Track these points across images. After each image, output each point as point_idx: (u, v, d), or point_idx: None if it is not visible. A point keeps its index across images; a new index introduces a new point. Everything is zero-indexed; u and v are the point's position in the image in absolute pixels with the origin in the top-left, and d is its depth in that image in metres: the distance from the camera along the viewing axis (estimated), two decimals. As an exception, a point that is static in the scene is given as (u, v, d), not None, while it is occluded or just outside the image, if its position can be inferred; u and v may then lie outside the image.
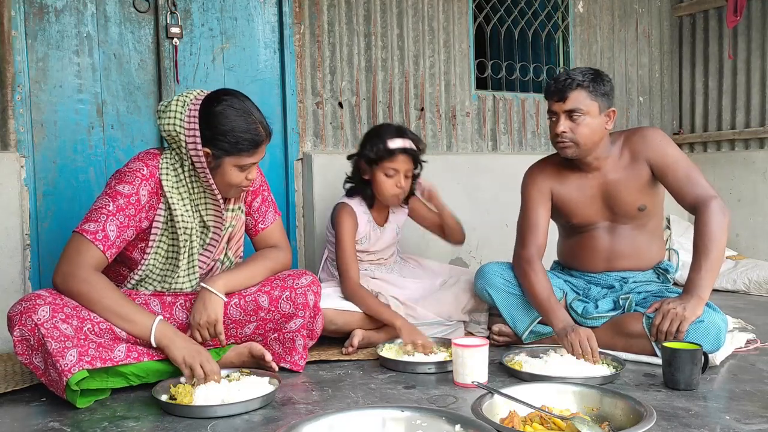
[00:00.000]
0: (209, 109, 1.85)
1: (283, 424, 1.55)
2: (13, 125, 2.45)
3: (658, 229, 2.33)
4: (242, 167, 1.88)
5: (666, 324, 1.95)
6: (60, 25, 2.55)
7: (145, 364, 1.82)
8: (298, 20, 3.00)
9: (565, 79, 2.10)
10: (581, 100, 2.09)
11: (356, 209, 2.50)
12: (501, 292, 2.28)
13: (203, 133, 1.84)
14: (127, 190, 1.82)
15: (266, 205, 2.14)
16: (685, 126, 4.31)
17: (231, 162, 1.86)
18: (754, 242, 3.84)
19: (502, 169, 3.45)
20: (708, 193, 2.08)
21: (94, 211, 1.80)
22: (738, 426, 1.48)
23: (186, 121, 1.84)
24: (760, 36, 3.86)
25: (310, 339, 2.07)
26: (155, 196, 1.87)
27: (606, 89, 2.13)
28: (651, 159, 2.17)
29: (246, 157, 1.87)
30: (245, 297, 2.00)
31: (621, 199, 2.21)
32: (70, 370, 1.64)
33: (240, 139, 1.84)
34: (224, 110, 1.84)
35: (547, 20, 3.80)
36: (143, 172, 1.85)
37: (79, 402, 1.69)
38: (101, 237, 1.77)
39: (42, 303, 1.69)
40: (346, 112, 3.15)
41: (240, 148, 1.85)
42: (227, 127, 1.83)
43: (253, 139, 1.86)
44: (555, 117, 2.16)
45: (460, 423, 1.37)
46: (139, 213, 1.84)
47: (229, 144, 1.84)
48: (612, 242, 2.28)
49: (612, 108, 2.16)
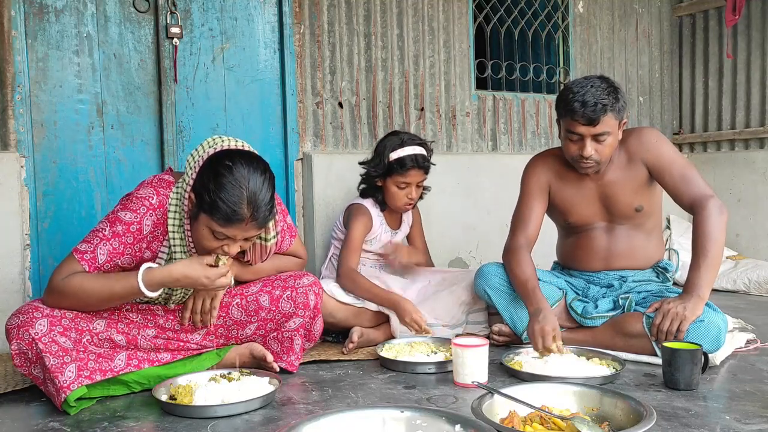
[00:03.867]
0: (217, 159, 1.71)
1: (283, 424, 1.55)
2: (13, 125, 2.45)
3: (656, 229, 2.33)
4: (215, 233, 1.70)
5: (666, 324, 1.95)
6: (60, 25, 2.55)
7: (146, 370, 1.83)
8: (298, 20, 3.00)
9: (596, 104, 2.04)
10: (609, 123, 2.08)
11: (372, 211, 2.56)
12: (499, 292, 2.28)
13: (197, 179, 1.72)
14: (129, 218, 1.74)
15: (282, 235, 2.04)
16: (685, 126, 4.31)
17: (204, 220, 1.69)
18: (754, 242, 3.84)
19: (502, 169, 3.45)
20: (705, 192, 2.08)
21: (91, 233, 1.76)
22: (738, 426, 1.48)
23: (196, 160, 1.76)
24: (760, 35, 3.86)
25: (307, 340, 2.07)
26: (161, 227, 1.78)
27: (624, 104, 2.12)
28: (647, 159, 2.17)
29: (217, 225, 1.68)
30: (246, 297, 2.00)
31: (618, 200, 2.22)
32: (69, 387, 1.63)
33: (218, 203, 1.65)
34: (225, 169, 1.68)
35: (547, 20, 3.80)
36: (152, 201, 1.77)
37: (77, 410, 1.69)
38: (89, 258, 1.72)
39: (39, 316, 1.66)
40: (346, 112, 3.15)
41: (213, 212, 1.66)
42: (215, 185, 1.66)
43: (229, 211, 1.65)
44: (578, 137, 2.10)
45: (460, 423, 1.37)
46: (138, 242, 1.76)
47: (207, 202, 1.67)
48: (609, 242, 2.28)
49: (625, 120, 2.16)
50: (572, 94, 2.07)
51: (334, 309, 2.29)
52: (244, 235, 1.72)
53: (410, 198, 2.52)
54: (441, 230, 3.26)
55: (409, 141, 2.50)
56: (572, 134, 2.11)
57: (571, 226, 2.33)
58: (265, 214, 1.70)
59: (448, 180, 3.34)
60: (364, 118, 3.18)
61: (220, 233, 1.69)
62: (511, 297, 2.25)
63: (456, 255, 3.37)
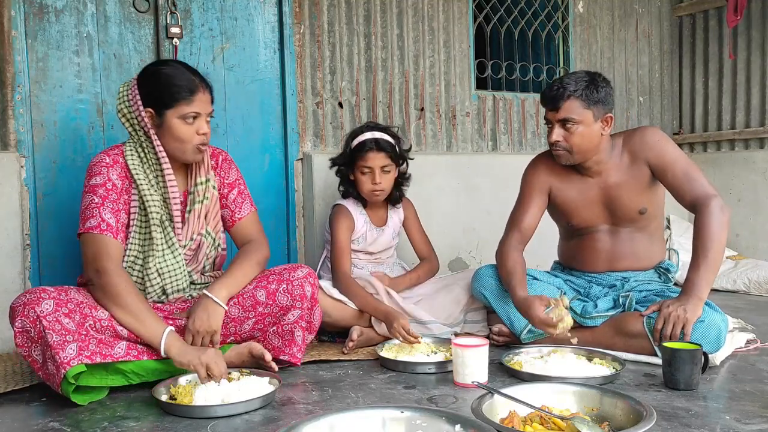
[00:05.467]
0: (145, 74, 1.97)
1: (283, 424, 1.55)
2: (13, 125, 2.45)
3: (658, 231, 2.32)
4: (185, 118, 1.92)
5: (669, 328, 1.95)
6: (60, 25, 2.55)
7: (145, 362, 1.83)
8: (298, 20, 3.00)
9: (558, 88, 2.08)
10: (574, 109, 2.08)
11: (352, 209, 2.56)
12: (496, 293, 2.28)
13: (143, 97, 1.93)
14: (100, 180, 1.91)
15: (242, 197, 2.18)
16: (685, 126, 4.31)
17: (172, 115, 1.91)
18: (754, 242, 3.84)
19: (502, 169, 3.45)
20: (707, 191, 2.07)
21: (85, 210, 1.90)
22: (738, 426, 1.48)
23: (126, 94, 1.96)
24: (760, 36, 3.86)
25: (308, 332, 2.07)
26: (126, 179, 1.96)
27: (601, 96, 2.10)
28: (650, 159, 2.16)
29: (184, 105, 1.91)
30: (243, 294, 2.01)
31: (622, 202, 2.21)
32: (69, 363, 1.65)
33: (174, 89, 1.90)
34: (157, 69, 1.96)
35: (547, 20, 3.80)
36: (106, 160, 1.94)
37: (75, 398, 1.70)
38: (105, 227, 1.86)
39: (46, 297, 1.71)
40: (346, 112, 3.15)
41: (177, 98, 1.90)
42: (161, 80, 1.92)
43: (187, 86, 1.91)
44: (550, 124, 2.16)
45: (460, 423, 1.37)
46: (120, 196, 1.93)
47: (166, 96, 1.91)
48: (613, 245, 2.28)
49: (609, 114, 2.14)
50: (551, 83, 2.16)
51: (329, 308, 2.27)
52: (207, 107, 1.96)
53: (374, 183, 2.46)
54: (441, 230, 3.26)
55: (370, 127, 2.51)
56: (546, 121, 2.17)
57: (574, 228, 2.32)
58: (208, 82, 1.99)
59: (448, 180, 3.34)
60: (364, 118, 3.18)
61: (189, 114, 1.92)
62: (508, 298, 2.25)
63: (456, 255, 3.37)
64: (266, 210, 2.97)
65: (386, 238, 2.62)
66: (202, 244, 2.07)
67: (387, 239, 2.62)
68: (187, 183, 2.07)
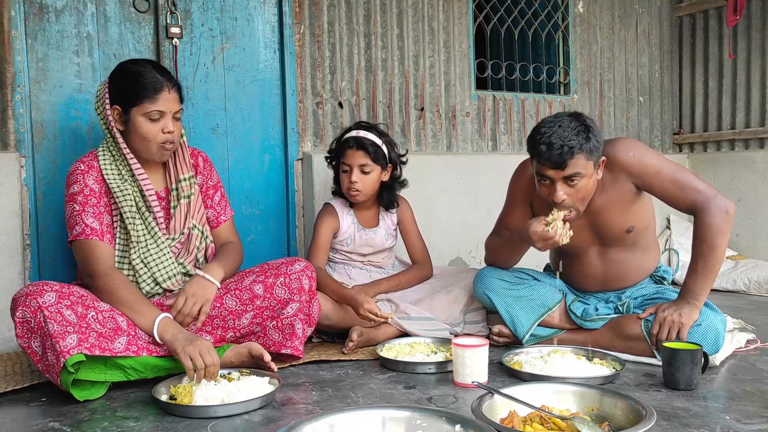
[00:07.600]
0: (114, 73, 2.01)
1: (283, 424, 1.55)
2: (13, 125, 2.45)
3: (650, 243, 2.25)
4: (149, 116, 1.94)
5: (665, 333, 1.95)
6: (60, 25, 2.55)
7: (144, 358, 1.83)
8: (298, 20, 3.00)
9: (562, 147, 1.89)
10: (580, 164, 1.92)
11: (339, 209, 2.56)
12: (501, 295, 2.26)
13: (111, 95, 1.98)
14: (77, 188, 1.96)
15: (225, 200, 2.25)
16: (685, 126, 4.31)
17: (137, 112, 1.94)
18: (754, 242, 3.84)
19: (502, 169, 3.42)
20: (703, 195, 1.98)
21: (69, 219, 1.96)
22: (738, 426, 1.48)
23: (101, 89, 2.00)
24: (760, 36, 3.86)
25: (308, 325, 2.08)
26: (103, 182, 2.00)
27: (598, 143, 1.95)
28: (632, 174, 2.04)
29: (148, 103, 1.93)
30: (240, 288, 2.04)
31: (608, 224, 2.11)
32: (69, 352, 1.66)
33: (139, 87, 1.93)
34: (126, 68, 2.00)
35: (547, 20, 3.80)
36: (81, 168, 1.99)
37: (74, 392, 1.70)
38: (89, 231, 1.92)
39: (49, 289, 1.74)
40: (346, 112, 3.15)
41: (141, 96, 1.93)
42: (128, 78, 1.96)
43: (152, 84, 1.94)
44: (549, 181, 1.97)
45: (460, 423, 1.37)
46: (100, 199, 1.97)
47: (131, 93, 1.94)
48: (604, 267, 2.22)
49: (603, 158, 2.01)
50: (539, 135, 1.94)
51: (329, 312, 2.27)
52: (172, 106, 1.97)
53: (351, 182, 2.42)
54: (441, 230, 3.26)
55: (359, 126, 2.51)
56: (542, 177, 1.98)
57: (561, 249, 2.22)
58: (176, 81, 2.01)
59: (448, 180, 3.34)
60: (364, 118, 3.18)
61: (154, 113, 1.94)
62: (511, 299, 2.24)
63: (456, 255, 3.37)
64: (266, 210, 2.97)
65: (379, 241, 2.57)
66: (191, 236, 2.11)
67: (380, 241, 2.58)
68: (166, 180, 2.11)
